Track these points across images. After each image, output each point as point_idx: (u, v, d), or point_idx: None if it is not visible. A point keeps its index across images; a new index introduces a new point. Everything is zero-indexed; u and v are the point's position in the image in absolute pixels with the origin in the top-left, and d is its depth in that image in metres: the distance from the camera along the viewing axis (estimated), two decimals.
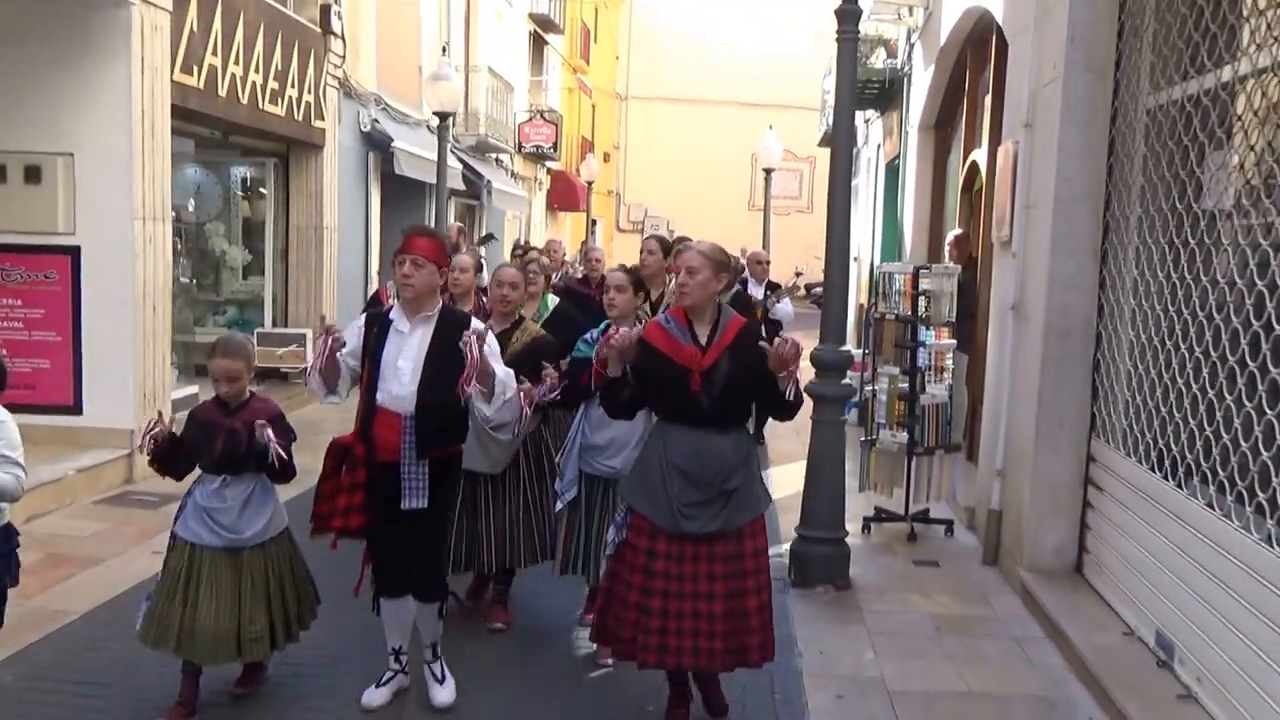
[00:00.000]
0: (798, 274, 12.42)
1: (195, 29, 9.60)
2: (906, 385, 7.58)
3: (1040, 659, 5.54)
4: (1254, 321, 4.46)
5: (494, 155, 23.29)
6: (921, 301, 7.53)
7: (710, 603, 4.33)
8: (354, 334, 4.76)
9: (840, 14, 6.44)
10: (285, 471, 4.65)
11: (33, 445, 8.39)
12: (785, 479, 8.81)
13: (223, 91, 10.22)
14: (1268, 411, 4.26)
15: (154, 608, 4.63)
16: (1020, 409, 6.78)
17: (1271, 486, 4.20)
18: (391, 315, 4.75)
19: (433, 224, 15.33)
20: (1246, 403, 4.46)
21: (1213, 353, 4.87)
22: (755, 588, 4.42)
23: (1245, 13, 4.90)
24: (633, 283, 5.48)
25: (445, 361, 4.52)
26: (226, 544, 4.62)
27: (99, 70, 8.46)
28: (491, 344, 4.73)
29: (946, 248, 10.53)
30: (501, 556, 5.77)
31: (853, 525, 7.30)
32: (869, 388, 8.02)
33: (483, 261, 8.69)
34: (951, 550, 7.48)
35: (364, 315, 4.94)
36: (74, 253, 8.55)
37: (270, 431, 4.47)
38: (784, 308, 10.74)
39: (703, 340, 4.42)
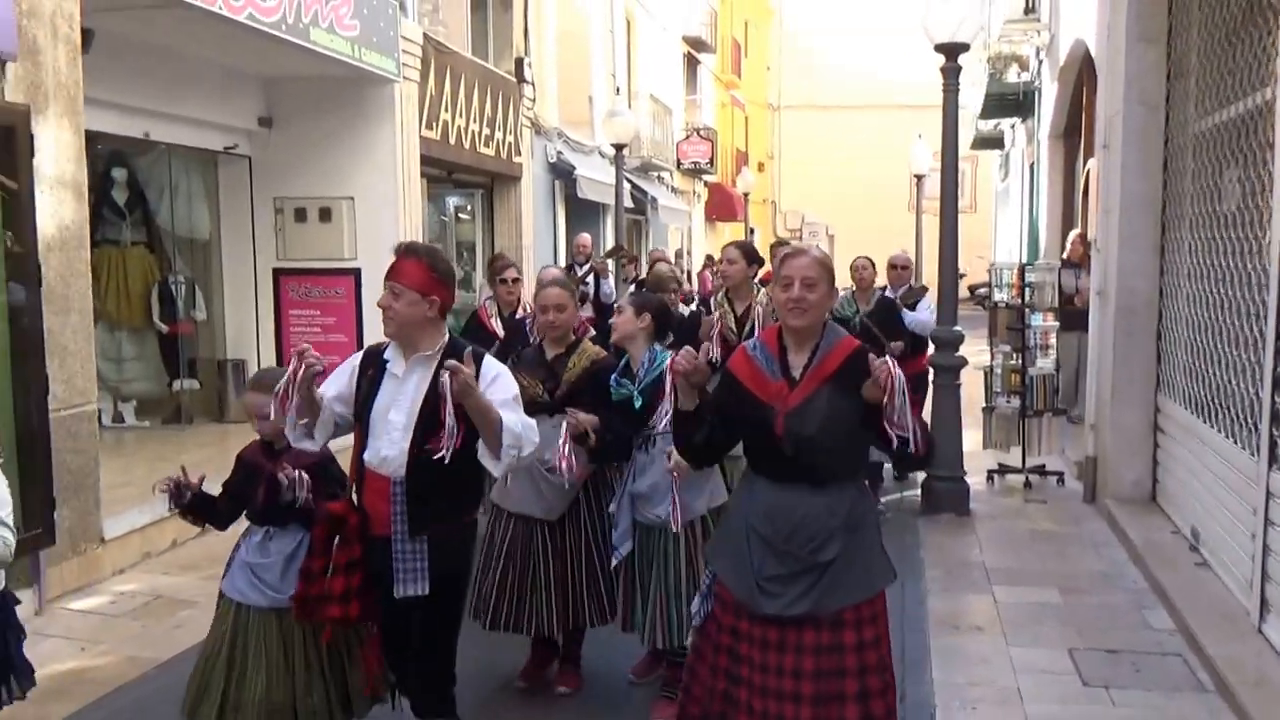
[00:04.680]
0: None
1: (433, 94, 12.48)
2: (1016, 360, 9.78)
3: (1108, 554, 7.74)
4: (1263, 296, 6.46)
5: (656, 173, 25.95)
6: (1027, 291, 9.72)
7: (796, 706, 3.53)
8: (345, 375, 4.18)
9: (944, 70, 8.74)
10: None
11: None
12: None
13: (453, 140, 13.08)
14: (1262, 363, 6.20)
15: (194, 671, 4.37)
16: (1103, 373, 8.93)
17: (1264, 415, 6.08)
18: (387, 355, 4.13)
19: (607, 241, 18.14)
20: (1255, 357, 6.35)
21: (1236, 322, 6.75)
22: (858, 693, 3.56)
23: (1259, 56, 6.80)
24: (645, 309, 5.16)
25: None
26: (272, 604, 4.29)
27: (371, 132, 11.39)
28: (507, 386, 4.12)
29: (1069, 245, 12.61)
30: (564, 615, 5.27)
31: (979, 476, 9.58)
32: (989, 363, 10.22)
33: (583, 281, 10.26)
34: (1059, 493, 9.61)
35: (360, 354, 4.28)
36: (356, 273, 11.52)
37: (302, 476, 4.14)
38: (919, 316, 9.21)
39: (796, 372, 3.66)
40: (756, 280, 7.20)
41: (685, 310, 9.07)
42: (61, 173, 6.88)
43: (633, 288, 11.69)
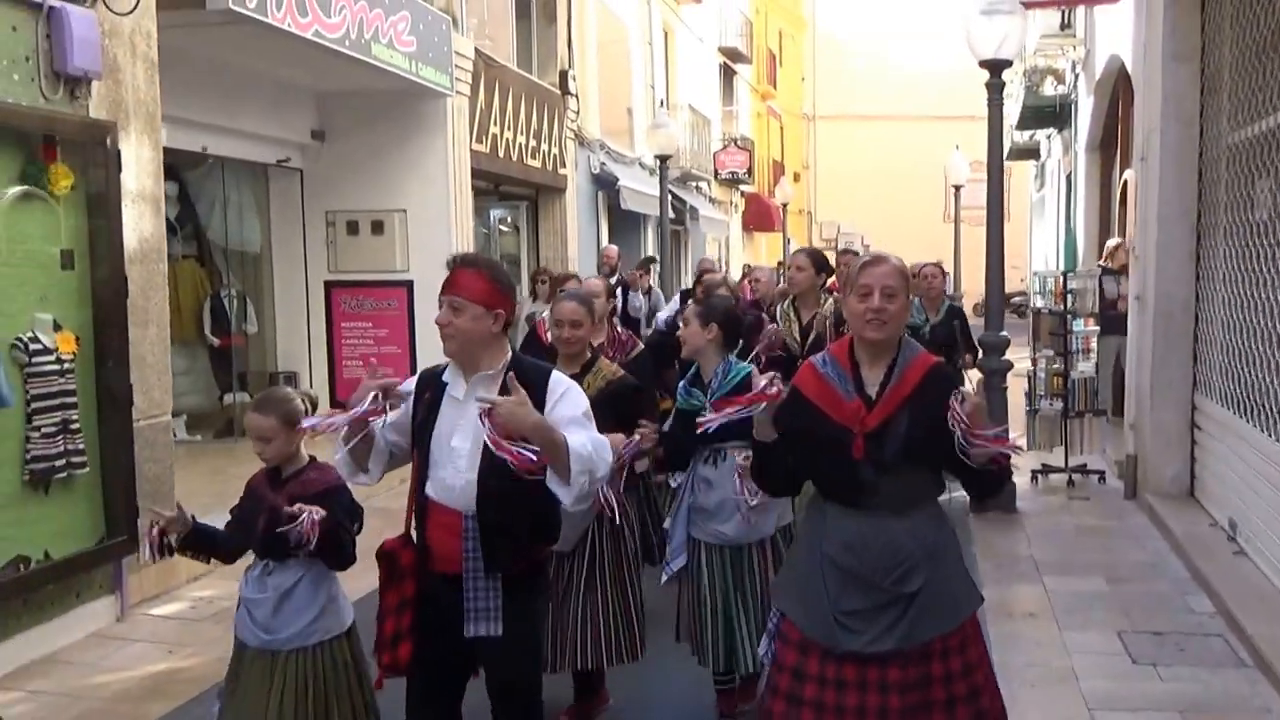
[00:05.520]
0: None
1: (483, 107, 13.03)
2: (1059, 364, 10.16)
3: (1150, 546, 8.17)
4: None
5: (694, 183, 26.47)
6: (1069, 298, 10.12)
7: None
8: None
9: (988, 86, 9.19)
10: (335, 557, 4.02)
11: None
12: None
13: (501, 153, 13.63)
14: None
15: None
16: (1143, 375, 9.34)
17: None
18: (446, 376, 3.85)
19: (645, 251, 18.54)
20: None
21: (1270, 323, 7.17)
22: None
23: None
24: (712, 319, 5.06)
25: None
26: (262, 645, 4.06)
27: (423, 146, 11.90)
28: (577, 402, 3.83)
29: (1108, 252, 12.94)
30: (572, 655, 5.06)
31: (1024, 476, 9.97)
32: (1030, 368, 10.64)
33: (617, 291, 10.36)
34: (1101, 491, 10.03)
35: (415, 377, 4.01)
36: (408, 285, 11.98)
37: (311, 514, 3.81)
38: None
39: (872, 390, 3.46)
40: (823, 289, 7.25)
41: None
42: (142, 188, 7.29)
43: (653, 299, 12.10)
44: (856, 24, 45.68)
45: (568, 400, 3.78)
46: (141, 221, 7.28)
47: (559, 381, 3.85)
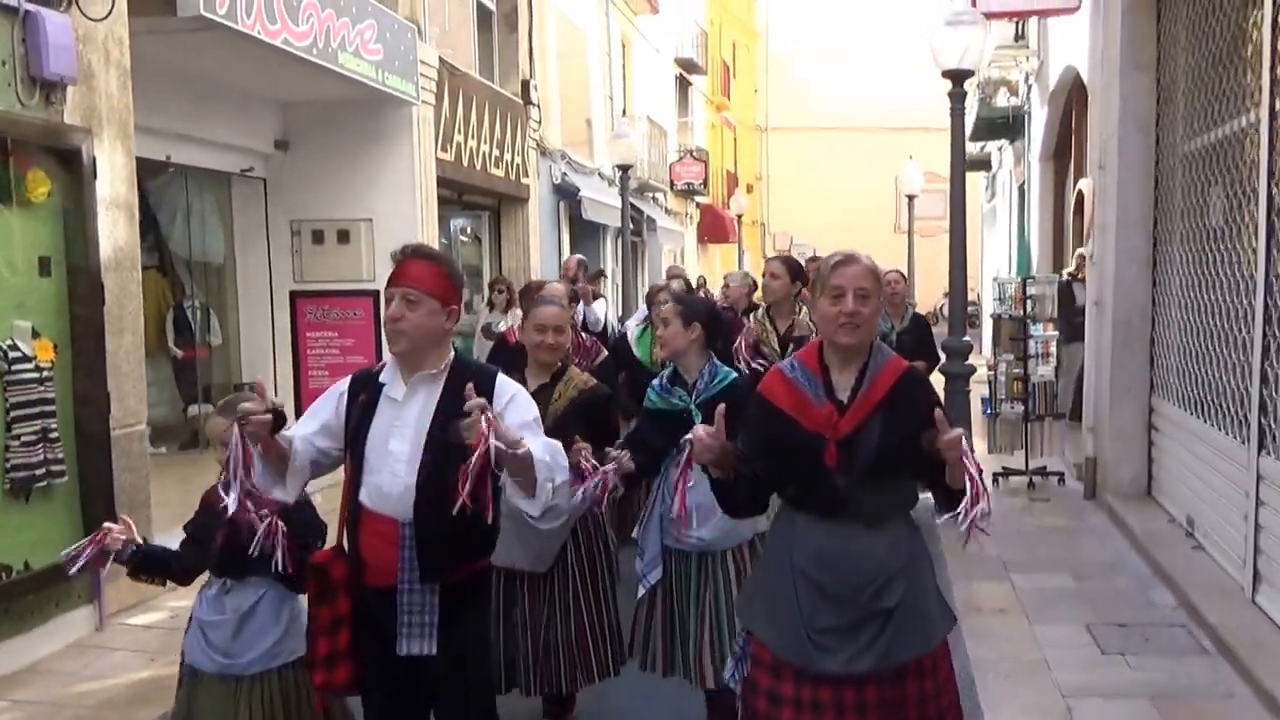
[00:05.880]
0: None
1: (448, 116, 13.10)
2: (1019, 368, 10.40)
3: (1110, 544, 8.42)
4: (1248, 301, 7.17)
5: (651, 194, 26.69)
6: (1029, 304, 10.37)
7: None
8: (331, 403, 3.69)
9: (951, 95, 9.44)
10: (293, 582, 3.90)
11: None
12: None
13: (465, 162, 13.71)
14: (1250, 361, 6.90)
15: None
16: (1101, 378, 9.60)
17: (1253, 406, 6.78)
18: (383, 377, 3.65)
19: (605, 262, 18.66)
20: (1243, 356, 7.03)
21: (1225, 325, 7.43)
22: None
23: (1241, 83, 7.51)
24: (694, 319, 4.91)
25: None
26: (220, 670, 3.93)
27: (388, 155, 11.93)
28: (526, 407, 3.68)
29: (1074, 261, 13.15)
30: (551, 676, 4.92)
31: (985, 479, 10.16)
32: (990, 372, 10.86)
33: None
34: (1061, 493, 10.28)
35: (348, 379, 3.77)
36: (374, 295, 11.90)
37: (280, 534, 3.72)
38: None
39: (843, 395, 3.34)
40: (797, 297, 7.28)
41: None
42: (116, 195, 7.28)
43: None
44: (807, 37, 46.08)
45: (517, 405, 3.63)
46: (116, 229, 7.27)
47: (505, 385, 3.69)
